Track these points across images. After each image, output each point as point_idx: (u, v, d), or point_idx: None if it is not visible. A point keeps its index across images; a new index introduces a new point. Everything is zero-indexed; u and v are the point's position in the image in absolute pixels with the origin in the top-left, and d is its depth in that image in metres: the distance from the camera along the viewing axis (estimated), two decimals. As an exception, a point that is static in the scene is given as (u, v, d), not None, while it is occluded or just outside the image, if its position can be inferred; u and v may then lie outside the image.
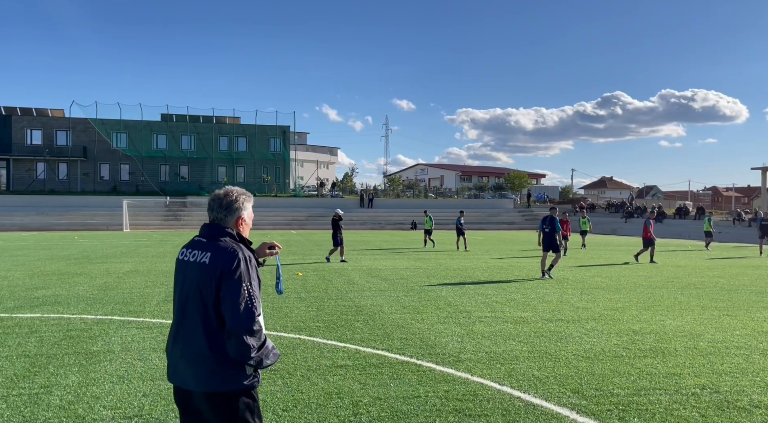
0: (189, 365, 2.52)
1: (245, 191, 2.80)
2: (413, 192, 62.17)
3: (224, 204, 2.67)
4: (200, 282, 2.51)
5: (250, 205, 2.77)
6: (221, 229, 2.63)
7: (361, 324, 7.94)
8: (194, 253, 2.60)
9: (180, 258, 2.66)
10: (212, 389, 2.48)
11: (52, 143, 51.84)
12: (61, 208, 44.31)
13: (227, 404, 2.49)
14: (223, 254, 2.50)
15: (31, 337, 6.95)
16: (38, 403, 4.66)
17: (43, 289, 11.11)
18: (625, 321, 8.32)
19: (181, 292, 2.61)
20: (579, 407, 4.68)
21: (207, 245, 2.58)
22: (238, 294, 2.44)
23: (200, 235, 2.68)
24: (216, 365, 2.47)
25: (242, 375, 2.51)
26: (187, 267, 2.59)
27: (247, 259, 2.54)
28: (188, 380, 2.53)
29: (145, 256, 18.68)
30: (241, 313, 2.42)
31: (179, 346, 2.57)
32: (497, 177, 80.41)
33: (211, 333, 2.48)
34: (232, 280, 2.45)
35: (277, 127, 57.37)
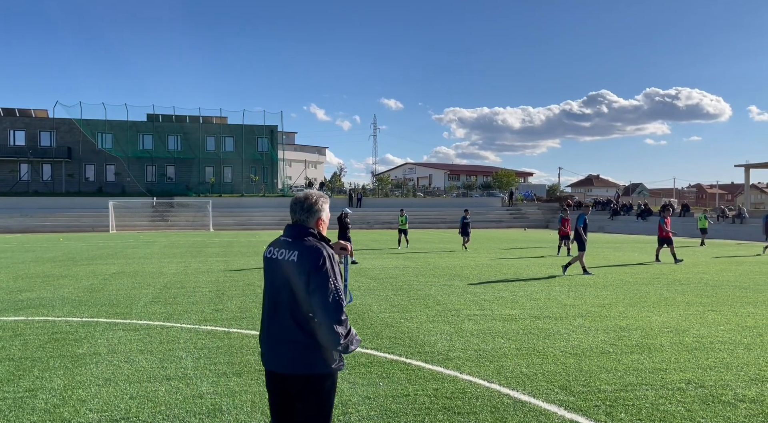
0: (281, 351, 2.81)
1: (323, 194, 3.03)
2: (402, 191, 62.22)
3: (305, 207, 2.93)
4: (290, 277, 2.78)
5: (327, 207, 3.02)
6: (305, 230, 2.90)
7: (351, 323, 7.92)
8: (282, 252, 2.86)
9: (268, 256, 2.94)
10: (302, 372, 2.76)
11: (35, 144, 51.20)
12: (45, 210, 43.77)
13: (315, 386, 2.77)
14: (309, 253, 2.77)
15: (16, 340, 6.86)
16: (23, 407, 4.60)
17: (27, 291, 10.96)
18: (612, 317, 8.40)
19: (272, 285, 2.88)
20: (567, 403, 4.71)
21: (293, 244, 2.84)
22: (327, 288, 2.70)
23: (285, 235, 2.93)
24: (305, 350, 2.75)
25: (329, 359, 2.79)
26: (276, 264, 2.86)
27: (330, 256, 2.80)
28: (281, 364, 2.82)
29: (132, 258, 18.51)
30: (330, 306, 2.69)
31: (272, 334, 2.86)
32: (485, 176, 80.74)
33: (300, 322, 2.76)
34: (320, 276, 2.71)
35: (264, 127, 57.11)
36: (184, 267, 15.56)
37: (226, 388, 5.10)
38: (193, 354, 6.27)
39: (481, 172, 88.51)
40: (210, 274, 13.79)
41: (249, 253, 20.35)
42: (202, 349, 6.46)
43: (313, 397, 2.79)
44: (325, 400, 2.82)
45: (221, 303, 9.62)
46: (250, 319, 8.24)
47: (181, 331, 7.45)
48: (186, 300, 9.93)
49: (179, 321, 8.10)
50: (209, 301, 9.78)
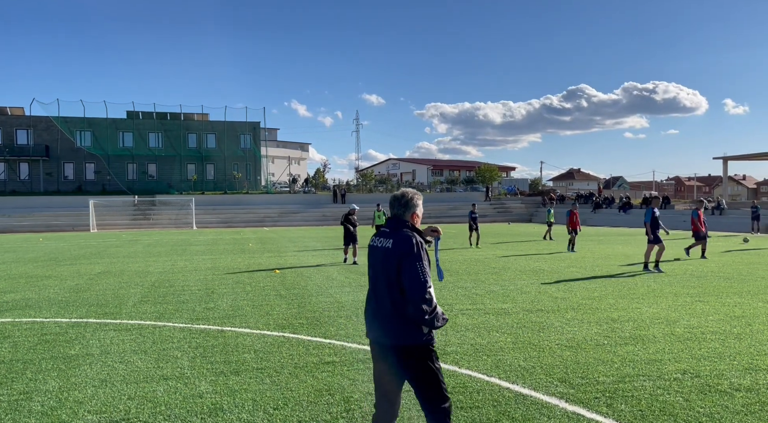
0: (380, 324, 3.26)
1: (417, 191, 3.46)
2: (386, 187, 62.16)
3: (403, 202, 3.39)
4: (385, 261, 3.24)
5: (421, 202, 3.44)
6: (402, 222, 3.35)
7: (345, 320, 7.91)
8: (381, 240, 3.34)
9: (371, 244, 3.41)
10: (398, 342, 3.18)
11: (12, 142, 50.12)
12: (23, 210, 42.93)
13: (410, 355, 3.18)
14: (402, 241, 3.21)
15: (4, 343, 6.71)
16: (19, 410, 4.51)
17: (11, 292, 10.74)
18: (603, 310, 8.50)
19: (374, 269, 3.36)
20: (567, 396, 4.76)
21: (390, 234, 3.31)
22: (415, 271, 3.12)
23: (385, 226, 3.41)
24: (400, 324, 3.17)
25: (420, 333, 3.18)
26: (377, 251, 3.34)
27: (419, 243, 3.22)
28: (381, 335, 3.26)
29: (116, 257, 18.24)
30: (416, 286, 3.11)
31: (372, 309, 3.34)
32: (468, 170, 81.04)
33: (395, 299, 3.18)
34: (409, 261, 3.14)
35: (246, 124, 56.59)
36: (170, 266, 15.37)
37: (225, 387, 5.05)
38: (188, 353, 6.20)
39: (464, 166, 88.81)
40: (197, 273, 13.65)
41: (235, 251, 20.18)
42: (197, 348, 6.39)
43: (411, 366, 3.20)
44: (426, 366, 3.19)
45: (212, 301, 9.53)
46: (243, 317, 8.18)
47: (174, 330, 7.36)
48: (176, 299, 9.81)
49: (171, 320, 8.00)
50: (199, 300, 9.68)
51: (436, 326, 3.19)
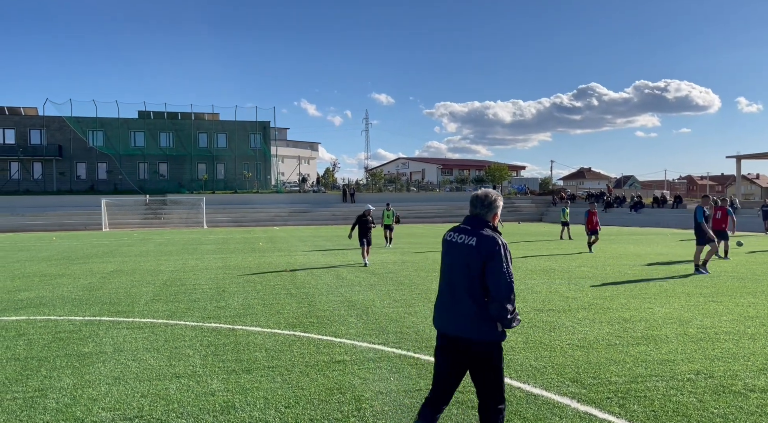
0: (457, 319, 3.36)
1: (498, 193, 3.55)
2: (395, 186, 62.16)
3: (486, 203, 3.47)
4: (467, 259, 3.31)
5: (501, 204, 3.53)
6: (483, 222, 3.42)
7: (355, 319, 7.93)
8: (461, 237, 3.39)
9: (448, 239, 3.48)
10: (473, 337, 3.30)
11: (25, 142, 50.68)
12: (36, 209, 43.39)
13: (482, 350, 3.32)
14: (487, 241, 3.29)
15: (20, 340, 6.80)
16: (34, 407, 4.56)
17: (25, 291, 10.87)
18: (615, 309, 8.44)
19: (450, 264, 3.43)
20: (579, 396, 4.73)
21: (472, 232, 3.37)
22: (502, 271, 3.21)
23: (465, 223, 3.46)
24: (477, 320, 3.29)
25: (495, 330, 3.32)
26: (455, 246, 3.40)
27: (504, 245, 3.30)
28: (455, 329, 3.37)
29: (128, 256, 18.40)
30: (503, 286, 3.20)
31: (447, 303, 3.43)
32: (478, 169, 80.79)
33: (474, 296, 3.29)
34: (496, 261, 3.22)
35: (256, 123, 56.79)
36: (181, 264, 15.48)
37: (237, 385, 5.08)
38: (200, 351, 6.24)
39: (473, 166, 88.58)
40: (208, 272, 13.73)
41: (245, 250, 20.27)
42: (209, 347, 6.43)
43: (483, 360, 3.33)
44: (498, 363, 3.35)
45: (223, 300, 9.58)
46: (254, 315, 8.22)
47: (186, 328, 7.41)
48: (187, 297, 9.88)
49: (183, 318, 8.06)
50: (210, 299, 9.74)
51: (511, 326, 3.30)
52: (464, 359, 3.37)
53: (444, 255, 3.50)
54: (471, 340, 3.31)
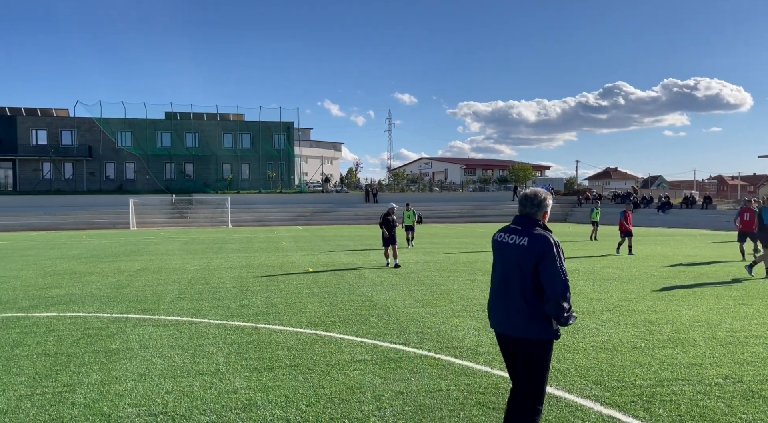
0: (510, 317, 3.41)
1: (547, 192, 3.58)
2: (418, 186, 62.05)
3: (535, 202, 3.49)
4: (519, 259, 3.34)
5: (551, 202, 3.57)
6: (534, 221, 3.45)
7: (376, 318, 7.94)
8: (512, 237, 3.44)
9: (498, 239, 3.54)
10: (526, 336, 3.34)
11: (57, 143, 51.96)
12: (67, 208, 44.46)
13: (535, 348, 3.34)
14: (539, 240, 3.31)
15: (50, 336, 6.98)
16: (63, 402, 4.68)
17: (56, 288, 11.15)
18: (641, 311, 8.30)
19: (502, 264, 3.48)
20: (602, 399, 4.67)
21: (523, 232, 3.40)
22: (556, 270, 3.24)
23: (515, 223, 3.49)
24: (529, 318, 3.32)
25: (549, 328, 3.34)
26: (506, 247, 3.45)
27: (556, 243, 3.34)
28: (509, 328, 3.42)
29: (155, 254, 18.73)
30: (558, 285, 3.22)
31: (500, 302, 3.48)
32: (501, 169, 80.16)
33: (526, 295, 3.32)
34: (549, 260, 3.25)
35: (280, 124, 57.30)
36: (206, 263, 15.70)
37: (258, 383, 5.13)
38: (223, 349, 6.32)
39: (497, 165, 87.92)
40: (232, 270, 13.90)
41: (269, 249, 20.47)
42: (232, 345, 6.52)
43: (531, 358, 3.35)
44: (543, 363, 3.36)
45: (246, 299, 9.69)
46: (276, 314, 8.30)
47: (210, 326, 7.52)
48: (211, 296, 10.02)
49: (207, 317, 8.17)
50: (234, 297, 9.85)
51: (567, 324, 3.33)
52: (519, 357, 3.43)
53: (495, 255, 3.57)
54: (520, 339, 3.37)
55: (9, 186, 51.36)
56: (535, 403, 3.37)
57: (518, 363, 3.43)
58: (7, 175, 51.68)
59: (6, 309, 8.92)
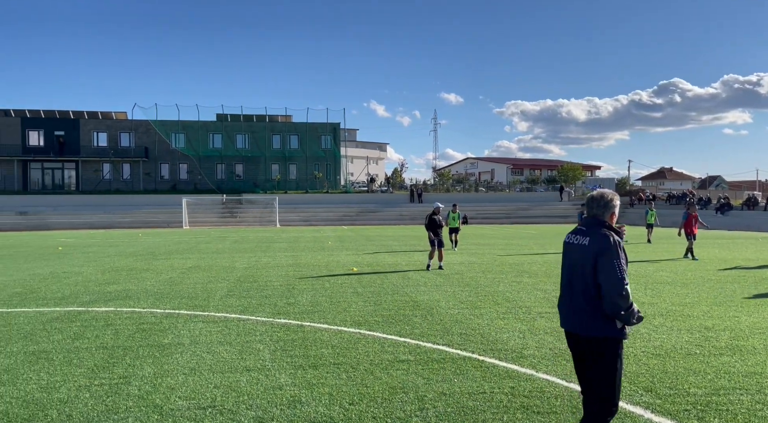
0: (574, 315, 3.50)
1: (615, 193, 3.63)
2: (463, 186, 61.60)
3: (602, 203, 3.56)
4: (581, 258, 3.46)
5: (618, 203, 3.61)
6: (600, 222, 3.53)
7: (420, 319, 7.94)
8: (577, 238, 3.56)
9: (566, 241, 3.67)
10: (589, 333, 3.40)
11: (116, 145, 54.33)
12: (125, 207, 46.43)
13: (599, 346, 3.38)
14: (599, 239, 3.40)
15: (107, 330, 7.31)
16: (119, 393, 4.90)
17: (114, 284, 11.67)
18: (696, 317, 7.97)
19: (567, 264, 3.62)
20: (653, 406, 4.51)
21: (587, 232, 3.52)
22: (612, 268, 3.30)
23: (582, 225, 3.62)
24: (591, 317, 3.39)
25: (612, 327, 3.36)
26: (572, 247, 3.59)
27: (617, 242, 3.38)
28: (574, 326, 3.51)
29: (206, 253, 19.32)
30: (613, 282, 3.27)
31: (566, 302, 3.58)
32: (550, 169, 78.53)
33: (588, 293, 3.40)
34: (606, 258, 3.32)
35: (327, 125, 58.07)
36: (254, 261, 16.07)
37: (303, 381, 5.22)
38: (269, 346, 6.46)
39: (545, 165, 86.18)
40: (279, 269, 14.18)
41: (315, 249, 20.76)
42: (278, 342, 6.65)
43: (599, 356, 3.38)
44: (610, 361, 3.37)
45: (292, 297, 9.86)
46: (321, 312, 8.41)
47: (257, 323, 7.70)
48: (259, 294, 10.25)
49: (254, 314, 8.37)
50: (281, 295, 10.05)
51: (631, 323, 3.36)
52: (586, 355, 3.47)
53: (563, 256, 3.71)
54: (585, 337, 3.43)
55: (72, 186, 54.09)
56: (606, 403, 3.39)
57: (586, 362, 3.49)
58: (71, 176, 54.45)
59: (68, 303, 9.40)
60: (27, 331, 7.27)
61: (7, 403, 4.66)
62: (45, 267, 15.07)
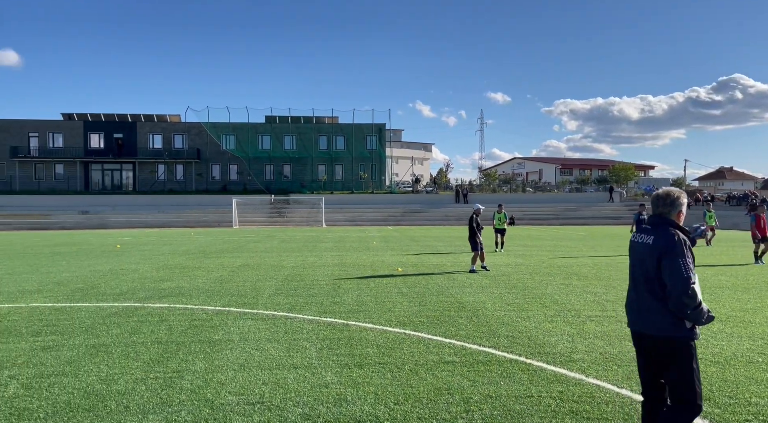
0: (641, 316, 3.47)
1: (682, 191, 3.59)
2: (510, 186, 60.69)
3: (668, 202, 3.52)
4: (646, 256, 3.43)
5: (686, 201, 3.58)
6: (666, 220, 3.50)
7: (465, 320, 7.87)
8: (642, 237, 3.54)
9: (632, 240, 3.66)
10: (657, 333, 3.37)
11: (170, 146, 56.34)
12: (178, 207, 48.07)
13: (669, 346, 3.35)
14: (664, 237, 3.38)
15: (162, 326, 7.59)
16: (172, 387, 5.08)
17: (168, 281, 12.10)
18: (758, 324, 7.58)
19: (633, 263, 3.59)
20: (712, 416, 4.33)
21: (651, 231, 3.50)
22: (677, 267, 3.28)
23: (647, 223, 3.58)
24: (658, 316, 3.36)
25: (682, 327, 3.33)
26: (637, 246, 3.56)
27: (682, 241, 3.35)
28: (641, 327, 3.48)
29: (254, 252, 19.76)
30: (678, 281, 3.25)
31: (633, 301, 3.57)
32: (600, 169, 76.41)
33: (653, 292, 3.39)
34: (671, 256, 3.30)
35: (373, 125, 58.40)
36: (301, 261, 16.33)
37: (349, 379, 5.27)
38: (316, 344, 6.55)
39: (595, 165, 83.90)
40: (325, 268, 14.35)
41: (360, 249, 20.90)
42: (324, 340, 6.73)
43: (672, 358, 3.35)
44: (685, 361, 3.32)
45: (338, 296, 9.97)
46: (366, 312, 8.46)
47: (304, 322, 7.82)
48: (306, 292, 10.41)
49: (301, 312, 8.51)
50: (327, 294, 10.17)
51: (700, 322, 3.32)
52: (655, 357, 3.44)
53: (629, 256, 3.67)
54: (652, 337, 3.39)
55: (129, 186, 56.43)
56: (689, 404, 3.33)
57: (658, 363, 3.45)
58: (128, 177, 56.82)
59: (126, 299, 9.81)
60: (88, 325, 7.63)
61: (70, 394, 4.91)
62: (105, 264, 15.78)
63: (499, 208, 20.38)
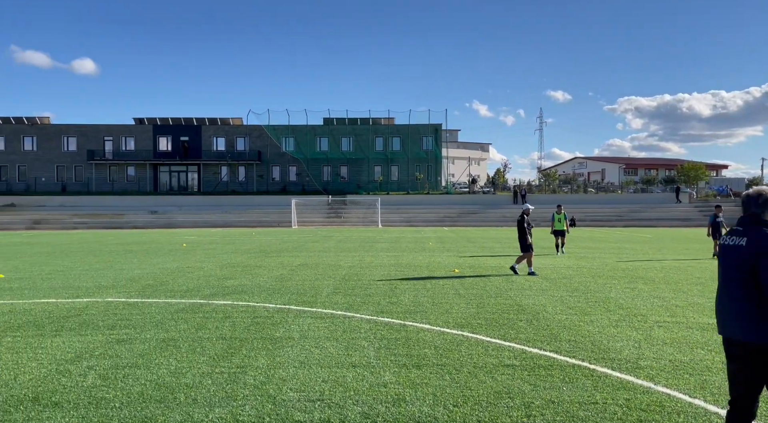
0: (731, 320, 3.31)
1: None
2: (571, 187, 59.03)
3: (760, 201, 3.37)
4: (738, 259, 3.28)
5: None
6: (758, 220, 3.34)
7: (525, 323, 7.72)
8: (734, 239, 3.38)
9: (721, 243, 3.50)
10: (752, 340, 3.18)
11: (233, 148, 58.35)
12: (240, 207, 49.68)
13: (757, 352, 3.17)
14: (758, 238, 3.23)
15: (226, 322, 7.86)
16: (236, 382, 5.25)
17: (231, 279, 12.51)
18: None
19: (723, 266, 3.42)
20: (794, 432, 4.05)
21: (743, 232, 3.34)
22: None
23: (738, 225, 3.44)
24: (751, 321, 3.18)
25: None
26: (728, 249, 3.40)
27: None
28: (733, 332, 3.30)
29: (313, 251, 20.14)
30: None
31: (724, 305, 3.39)
32: (667, 169, 73.07)
33: (746, 297, 3.22)
34: (767, 258, 3.13)
35: (429, 126, 58.31)
36: (358, 260, 16.50)
37: (407, 379, 5.27)
38: (374, 344, 6.60)
39: (662, 165, 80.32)
40: (382, 268, 14.43)
41: (416, 249, 20.88)
42: (382, 340, 6.77)
43: (759, 364, 3.18)
44: None
45: (395, 296, 10.00)
46: (423, 313, 8.45)
47: (361, 321, 7.89)
48: (363, 292, 10.51)
49: (359, 311, 8.59)
50: (384, 294, 10.23)
51: None
52: (749, 364, 3.26)
53: (719, 259, 3.52)
54: (743, 342, 3.24)
55: (195, 187, 58.80)
56: None
57: (758, 372, 3.27)
58: (193, 178, 59.24)
59: (192, 295, 10.23)
60: (158, 320, 8.01)
61: (143, 385, 5.16)
62: (172, 262, 16.51)
63: (558, 209, 19.63)
